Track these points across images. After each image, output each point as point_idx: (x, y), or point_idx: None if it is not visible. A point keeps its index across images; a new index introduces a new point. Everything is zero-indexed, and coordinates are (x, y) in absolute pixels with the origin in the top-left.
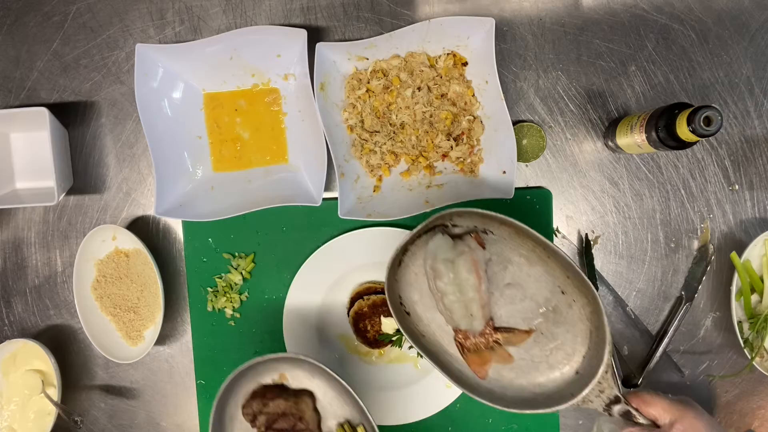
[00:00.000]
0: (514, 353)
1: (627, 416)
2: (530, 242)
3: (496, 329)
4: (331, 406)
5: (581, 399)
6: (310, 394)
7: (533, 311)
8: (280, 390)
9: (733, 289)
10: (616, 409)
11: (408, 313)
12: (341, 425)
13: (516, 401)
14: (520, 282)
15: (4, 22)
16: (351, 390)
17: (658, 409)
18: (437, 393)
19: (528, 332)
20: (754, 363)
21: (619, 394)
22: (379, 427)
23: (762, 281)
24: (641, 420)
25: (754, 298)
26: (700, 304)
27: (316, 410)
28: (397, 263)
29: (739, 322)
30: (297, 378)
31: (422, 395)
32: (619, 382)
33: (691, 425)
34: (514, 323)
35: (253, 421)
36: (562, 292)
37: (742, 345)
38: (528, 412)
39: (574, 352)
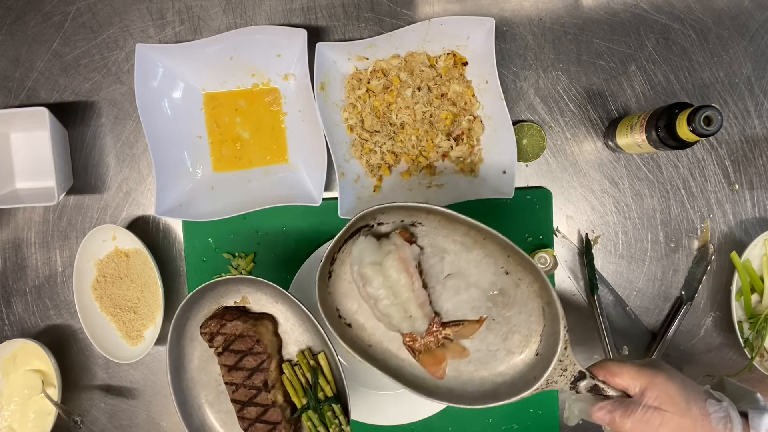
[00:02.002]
0: (469, 346)
1: (596, 390)
2: (462, 227)
3: (444, 324)
4: (293, 331)
5: (545, 381)
6: (271, 319)
7: (480, 298)
8: (240, 312)
9: (733, 289)
10: (583, 385)
11: (349, 325)
12: (302, 351)
13: (477, 396)
14: (460, 270)
15: (4, 22)
16: (312, 316)
17: (625, 378)
18: None
19: (479, 321)
20: (754, 363)
21: (583, 369)
22: (380, 427)
23: (762, 281)
24: (611, 392)
25: (754, 298)
26: (700, 304)
27: (277, 334)
28: (326, 275)
29: (739, 322)
30: (259, 302)
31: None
32: None
33: (663, 389)
34: (462, 314)
35: (210, 341)
36: (506, 273)
37: (742, 345)
38: (492, 405)
39: (531, 332)
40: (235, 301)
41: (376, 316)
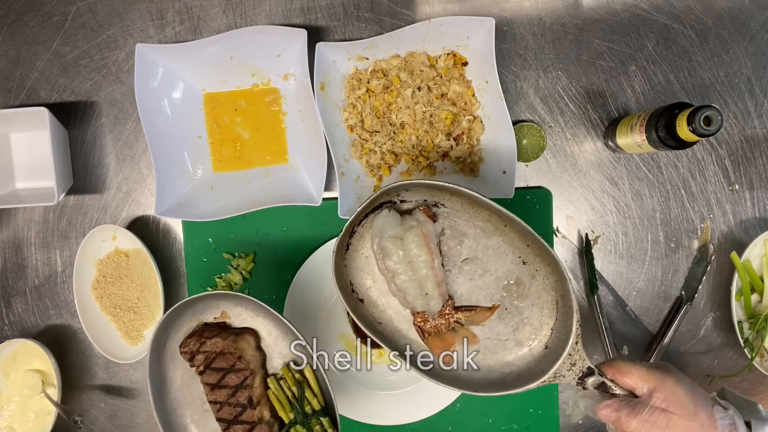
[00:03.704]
0: (479, 333)
1: (603, 388)
2: (485, 212)
3: (457, 308)
4: (277, 344)
5: (552, 374)
6: (253, 333)
7: (495, 286)
8: (220, 328)
9: (733, 289)
10: (591, 381)
11: (362, 300)
12: (287, 365)
13: (483, 384)
14: (478, 256)
15: (4, 22)
16: (294, 329)
17: (634, 378)
18: (437, 393)
19: (491, 309)
20: (754, 363)
21: (592, 366)
22: (380, 427)
23: (762, 281)
24: (618, 391)
25: (754, 298)
26: (700, 304)
27: (260, 349)
28: (344, 247)
29: (739, 322)
30: (240, 316)
31: (422, 395)
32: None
33: (672, 392)
34: (475, 300)
35: (191, 360)
36: (524, 263)
37: (742, 345)
38: (496, 394)
39: (542, 325)
40: (215, 317)
41: (391, 291)
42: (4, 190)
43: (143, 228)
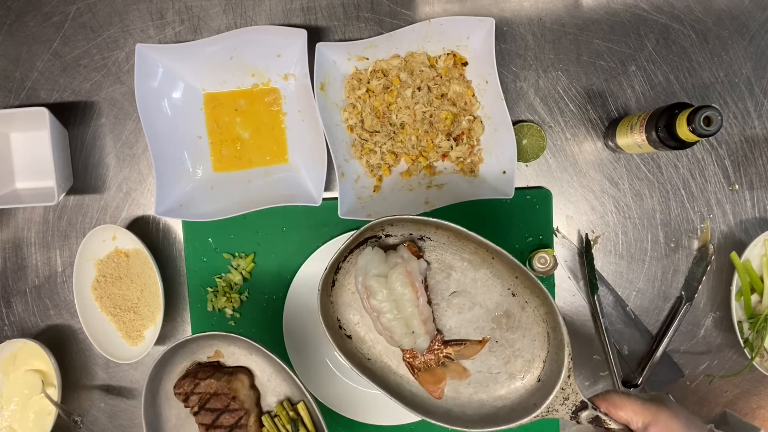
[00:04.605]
0: (470, 366)
1: (597, 422)
2: (471, 245)
3: (446, 343)
4: (270, 382)
5: (545, 409)
6: (247, 372)
7: (485, 319)
8: (213, 368)
9: (733, 289)
10: (584, 415)
11: (349, 336)
12: (281, 402)
13: (475, 419)
14: (466, 289)
15: (4, 22)
16: (287, 368)
17: (629, 411)
18: None
19: (481, 342)
20: (754, 363)
21: (586, 399)
22: (379, 427)
23: (762, 281)
24: (612, 425)
25: (754, 298)
26: (700, 304)
27: (254, 387)
28: (330, 283)
29: (739, 322)
30: (233, 355)
31: None
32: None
33: (667, 426)
34: (465, 334)
35: (185, 401)
36: (513, 294)
37: (742, 345)
38: (489, 430)
39: (534, 357)
40: (209, 356)
41: (377, 330)
42: (4, 190)
43: (143, 228)
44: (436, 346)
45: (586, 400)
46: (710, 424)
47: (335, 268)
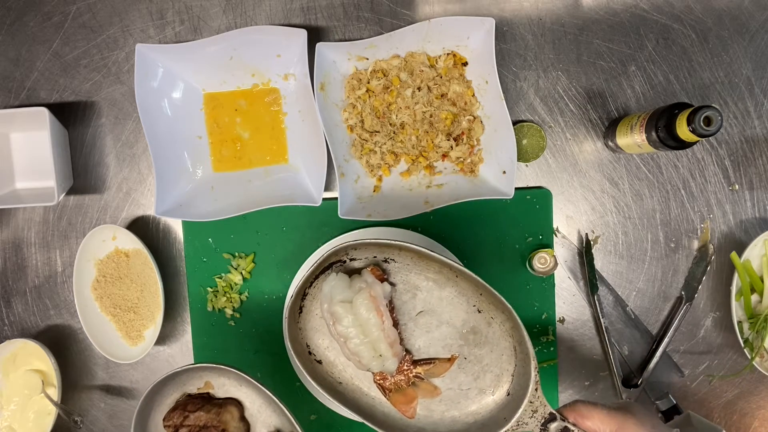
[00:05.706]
0: (440, 384)
1: None
2: (435, 264)
3: (415, 362)
4: (261, 414)
5: (515, 422)
6: (237, 403)
7: (452, 336)
8: (203, 401)
9: (733, 289)
10: (553, 427)
11: (320, 362)
12: None
13: None
14: (433, 308)
15: (4, 22)
16: (277, 400)
17: (595, 421)
18: None
19: (450, 360)
20: (754, 363)
21: (554, 411)
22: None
23: (762, 281)
24: None
25: (754, 298)
26: (700, 304)
27: (244, 419)
28: (297, 310)
29: (739, 322)
30: (223, 386)
31: None
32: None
33: None
34: (434, 352)
35: None
36: (479, 311)
37: (742, 345)
38: None
39: (502, 372)
40: (198, 388)
41: (345, 355)
42: (4, 190)
43: (143, 228)
44: (405, 367)
45: (554, 412)
46: (676, 429)
47: (302, 295)
